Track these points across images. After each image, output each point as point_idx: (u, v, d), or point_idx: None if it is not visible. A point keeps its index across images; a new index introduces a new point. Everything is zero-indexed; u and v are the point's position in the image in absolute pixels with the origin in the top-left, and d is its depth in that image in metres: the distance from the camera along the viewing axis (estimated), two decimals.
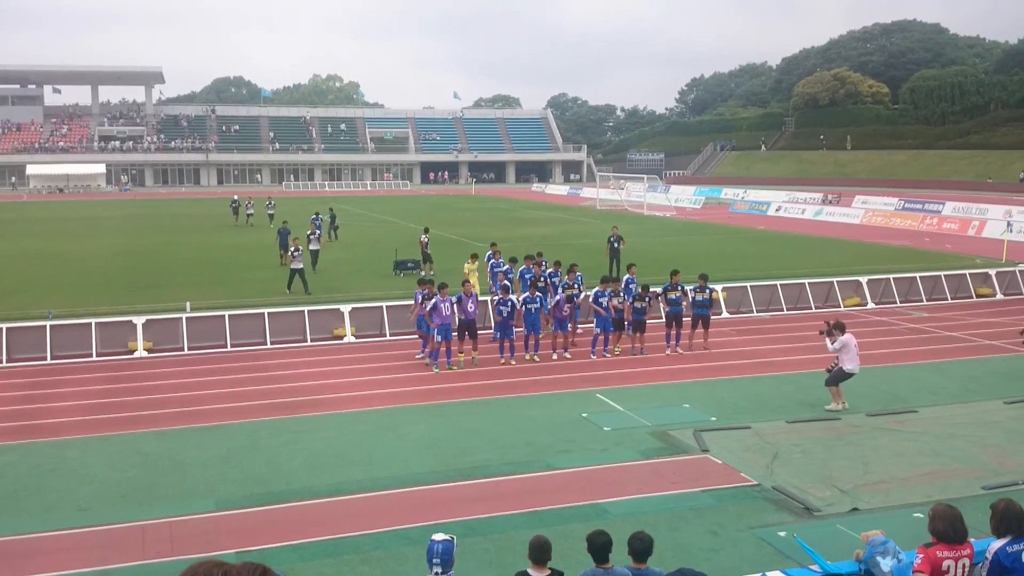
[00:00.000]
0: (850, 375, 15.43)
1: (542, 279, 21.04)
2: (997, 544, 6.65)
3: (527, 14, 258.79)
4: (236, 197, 56.97)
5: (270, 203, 52.98)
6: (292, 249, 27.55)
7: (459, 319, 18.70)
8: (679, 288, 20.14)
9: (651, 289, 20.13)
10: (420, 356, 19.27)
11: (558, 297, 19.71)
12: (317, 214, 38.65)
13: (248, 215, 52.62)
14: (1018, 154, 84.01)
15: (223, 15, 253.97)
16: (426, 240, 31.79)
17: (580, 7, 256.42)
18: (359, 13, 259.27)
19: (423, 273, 29.31)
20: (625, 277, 21.20)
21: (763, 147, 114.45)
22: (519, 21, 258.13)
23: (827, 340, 15.76)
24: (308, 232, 31.74)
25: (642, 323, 19.72)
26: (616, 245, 29.94)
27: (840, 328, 15.68)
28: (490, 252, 24.76)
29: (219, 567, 1.88)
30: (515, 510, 11.10)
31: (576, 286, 20.54)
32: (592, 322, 20.09)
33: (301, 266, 26.95)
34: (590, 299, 19.89)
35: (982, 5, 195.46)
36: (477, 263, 24.29)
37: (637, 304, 19.61)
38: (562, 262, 22.58)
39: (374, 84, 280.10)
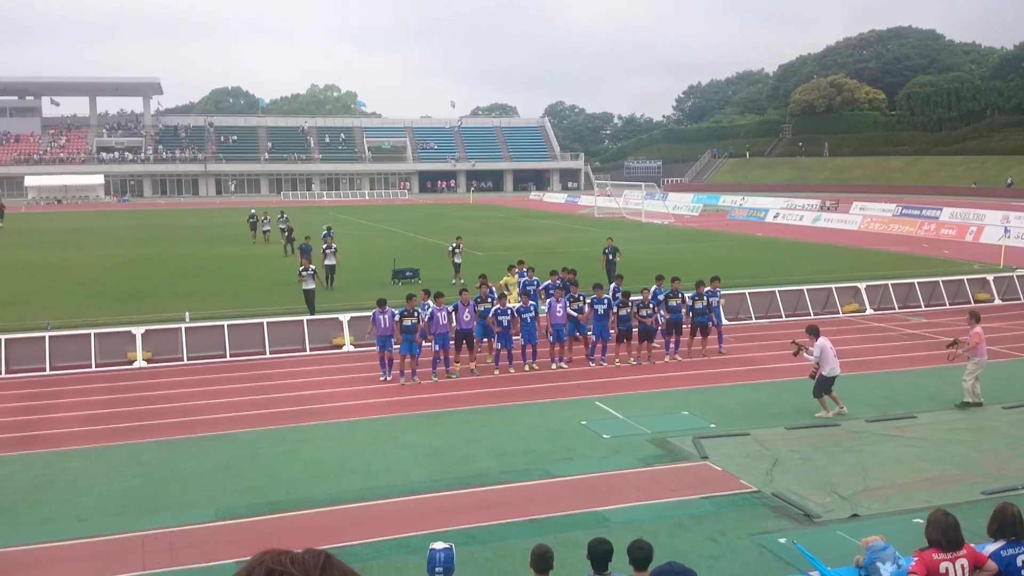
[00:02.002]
0: (833, 379, 15.35)
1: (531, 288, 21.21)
2: (992, 547, 6.67)
3: (524, 23, 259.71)
4: (253, 211, 51.47)
5: (282, 216, 49.14)
6: (301, 269, 25.28)
7: (456, 329, 18.68)
8: (679, 296, 20.16)
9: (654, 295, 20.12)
10: (385, 378, 18.34)
11: (549, 300, 19.70)
12: (328, 228, 36.49)
13: (265, 231, 49.10)
14: (1015, 159, 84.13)
15: (221, 26, 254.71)
16: (451, 248, 30.73)
17: (576, 15, 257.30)
18: (356, 23, 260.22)
19: (453, 282, 28.82)
20: (592, 298, 19.80)
21: (747, 155, 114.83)
22: (516, 30, 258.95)
23: (804, 353, 15.64)
24: (323, 247, 30.46)
25: (650, 331, 19.71)
26: (612, 257, 28.78)
27: (815, 333, 15.57)
28: (519, 271, 23.72)
29: (285, 554, 1.94)
30: (515, 518, 11.10)
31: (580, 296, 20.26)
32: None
33: (313, 286, 24.88)
34: (586, 303, 19.82)
35: (978, 11, 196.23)
36: (516, 276, 23.18)
37: (643, 312, 19.58)
38: (557, 271, 22.55)
39: (372, 94, 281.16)
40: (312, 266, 25.47)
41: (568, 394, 17.13)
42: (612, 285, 21.24)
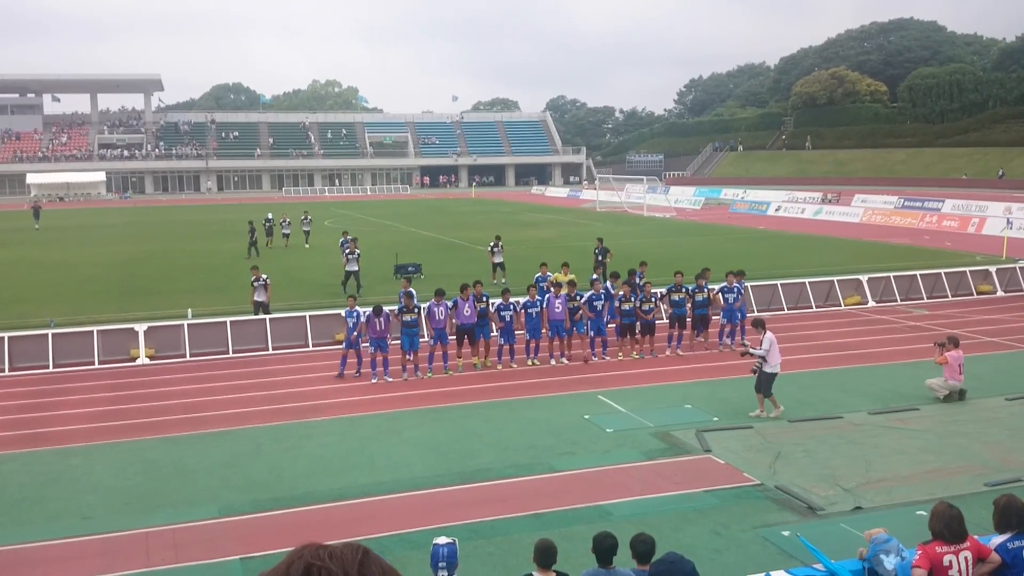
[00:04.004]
0: (774, 376, 14.93)
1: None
2: (998, 540, 6.66)
3: (525, 18, 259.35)
4: (270, 215, 46.25)
5: (306, 218, 45.84)
6: (253, 279, 23.35)
7: (456, 324, 18.66)
8: (682, 289, 20.14)
9: (655, 290, 20.11)
10: (374, 379, 18.00)
11: (548, 296, 19.61)
12: (345, 233, 33.05)
13: (284, 235, 44.78)
14: (1017, 151, 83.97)
15: (221, 22, 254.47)
16: (490, 247, 30.12)
17: (577, 10, 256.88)
18: (357, 19, 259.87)
19: (493, 282, 27.55)
20: (589, 294, 19.71)
21: (740, 148, 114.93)
22: (517, 25, 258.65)
23: (753, 349, 15.26)
24: (347, 251, 29.32)
25: (651, 326, 19.67)
26: (601, 257, 27.69)
27: (761, 326, 15.26)
28: (539, 274, 23.16)
29: (324, 548, 1.97)
30: (518, 513, 11.10)
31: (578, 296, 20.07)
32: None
33: (264, 299, 23.00)
34: (582, 301, 19.73)
35: (981, 3, 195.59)
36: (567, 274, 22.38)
37: (645, 307, 19.55)
38: (553, 266, 22.56)
39: (373, 89, 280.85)
40: (264, 276, 23.37)
41: (571, 388, 17.13)
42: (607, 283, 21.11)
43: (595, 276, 22.31)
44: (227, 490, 12.17)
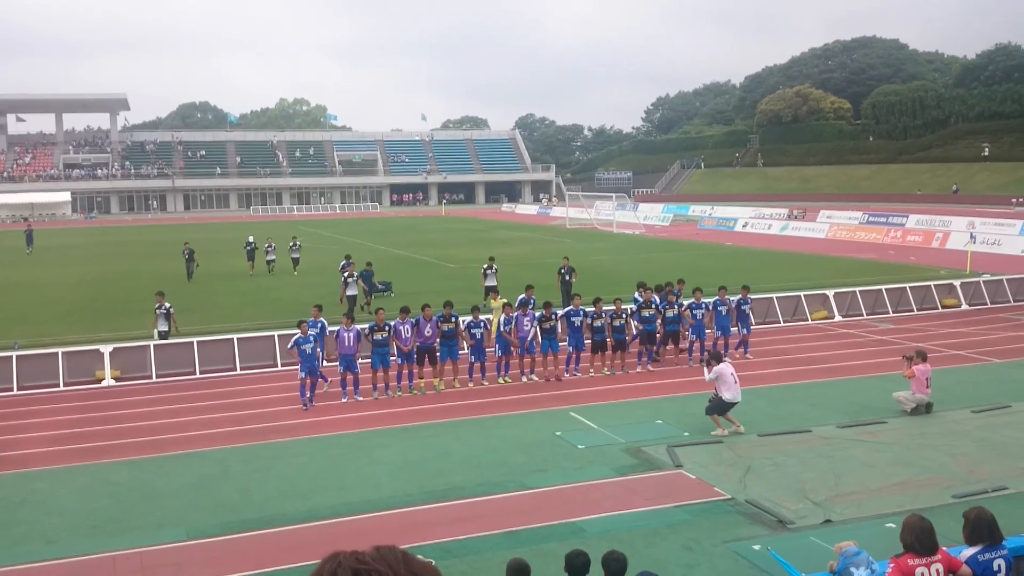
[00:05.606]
0: (731, 404, 15.01)
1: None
2: (969, 552, 6.72)
3: (494, 36, 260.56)
4: (251, 238, 41.89)
5: (295, 244, 41.87)
6: (157, 307, 22.27)
7: (416, 344, 18.45)
8: (651, 305, 20.22)
9: (625, 307, 20.18)
10: (344, 399, 17.94)
11: (515, 314, 19.50)
12: (348, 257, 30.86)
13: (269, 261, 40.25)
14: (979, 166, 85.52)
15: (189, 40, 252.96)
16: (483, 269, 29.42)
17: (545, 29, 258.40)
18: (325, 37, 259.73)
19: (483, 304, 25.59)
20: (568, 309, 20.08)
21: (702, 166, 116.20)
22: (486, 43, 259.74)
23: (704, 370, 15.57)
24: (346, 275, 28.40)
25: (623, 342, 19.71)
26: (568, 278, 27.22)
27: (716, 358, 15.43)
28: (523, 296, 22.36)
29: (360, 553, 1.94)
30: (491, 531, 11.06)
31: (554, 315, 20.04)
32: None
33: (167, 328, 22.18)
34: (560, 316, 19.81)
35: (942, 22, 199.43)
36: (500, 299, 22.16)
37: (616, 323, 19.58)
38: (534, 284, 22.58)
39: (342, 107, 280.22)
40: (167, 304, 22.39)
41: (542, 405, 17.12)
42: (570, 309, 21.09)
43: (576, 294, 22.24)
44: (195, 512, 12.02)
